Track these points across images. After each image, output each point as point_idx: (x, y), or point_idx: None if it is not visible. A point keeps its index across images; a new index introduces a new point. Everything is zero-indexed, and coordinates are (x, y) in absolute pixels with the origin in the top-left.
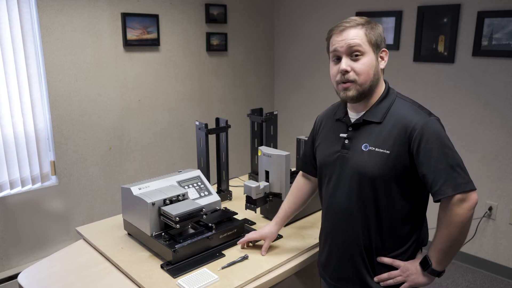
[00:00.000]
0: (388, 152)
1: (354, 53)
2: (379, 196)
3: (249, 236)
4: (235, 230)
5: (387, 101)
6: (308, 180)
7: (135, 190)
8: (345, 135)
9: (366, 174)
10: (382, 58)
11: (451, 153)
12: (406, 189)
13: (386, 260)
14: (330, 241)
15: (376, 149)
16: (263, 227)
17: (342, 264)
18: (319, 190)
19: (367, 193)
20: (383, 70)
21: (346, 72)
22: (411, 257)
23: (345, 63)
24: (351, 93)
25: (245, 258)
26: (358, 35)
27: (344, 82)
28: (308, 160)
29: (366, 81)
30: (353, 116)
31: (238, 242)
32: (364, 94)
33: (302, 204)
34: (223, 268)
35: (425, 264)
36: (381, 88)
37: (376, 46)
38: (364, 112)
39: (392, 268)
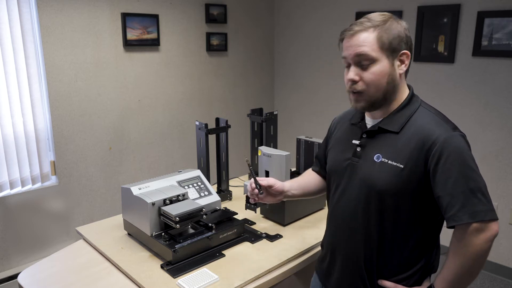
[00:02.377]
0: (401, 166)
1: (363, 61)
2: (385, 213)
3: (258, 180)
4: (235, 230)
5: (408, 109)
6: (319, 177)
7: (135, 190)
8: (357, 142)
9: (374, 187)
10: (402, 61)
11: (473, 175)
12: (417, 209)
13: (389, 284)
14: (331, 251)
15: (389, 162)
16: (276, 180)
17: (343, 280)
18: (327, 195)
19: (373, 207)
20: (405, 74)
21: (354, 82)
22: (417, 283)
23: (353, 71)
24: (361, 104)
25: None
26: (367, 41)
27: (354, 92)
28: (320, 163)
29: (376, 91)
30: (370, 122)
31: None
32: (377, 104)
33: (316, 189)
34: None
35: None
36: (402, 94)
37: (392, 50)
38: (381, 119)
39: None
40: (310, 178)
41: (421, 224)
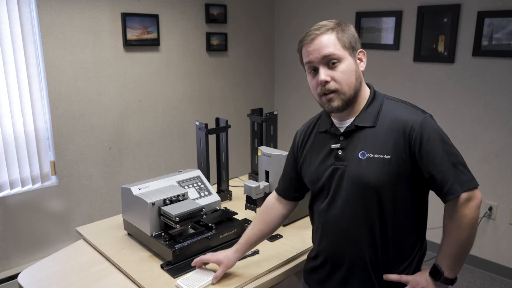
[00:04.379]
0: (388, 157)
1: (330, 62)
2: (384, 206)
3: (203, 257)
4: (235, 230)
5: (375, 103)
6: (280, 204)
7: (135, 190)
8: (337, 145)
9: (368, 184)
10: (360, 59)
11: (452, 150)
12: (410, 193)
13: (393, 277)
14: (331, 260)
15: (376, 156)
16: (220, 252)
17: (348, 285)
18: (310, 208)
19: (371, 204)
20: (363, 72)
21: (326, 82)
22: (416, 270)
23: (324, 73)
24: (336, 103)
25: (256, 252)
26: (331, 41)
27: (326, 94)
28: (289, 183)
29: (349, 88)
30: (339, 125)
31: (192, 263)
32: (350, 102)
33: (269, 231)
34: None
35: (436, 274)
36: (365, 92)
37: (352, 49)
38: (353, 118)
39: (401, 285)
40: (264, 218)
41: (416, 209)
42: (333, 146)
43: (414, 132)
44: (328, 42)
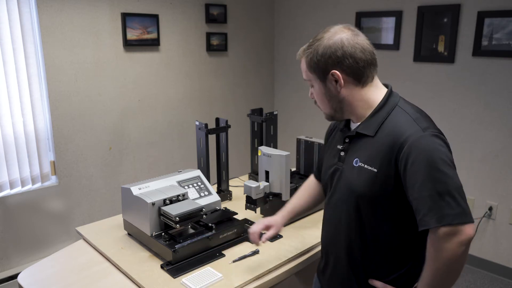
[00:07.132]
0: (375, 170)
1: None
2: (364, 217)
3: (255, 229)
4: (235, 230)
5: (382, 112)
6: (319, 184)
7: (135, 190)
8: (341, 147)
9: (353, 191)
10: (336, 81)
11: (441, 178)
12: (395, 212)
13: (378, 284)
14: (325, 252)
15: (365, 166)
16: (266, 218)
17: (334, 279)
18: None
19: (353, 212)
20: (364, 82)
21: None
22: (407, 285)
23: (310, 90)
24: (325, 116)
25: (256, 252)
26: (303, 67)
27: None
28: (319, 168)
29: (325, 108)
30: (352, 126)
31: (252, 239)
32: (335, 116)
33: (313, 204)
34: (234, 261)
35: None
36: (372, 101)
37: (321, 71)
38: (359, 123)
39: None
40: (307, 189)
41: (402, 226)
42: (338, 146)
43: (402, 151)
44: (302, 67)
